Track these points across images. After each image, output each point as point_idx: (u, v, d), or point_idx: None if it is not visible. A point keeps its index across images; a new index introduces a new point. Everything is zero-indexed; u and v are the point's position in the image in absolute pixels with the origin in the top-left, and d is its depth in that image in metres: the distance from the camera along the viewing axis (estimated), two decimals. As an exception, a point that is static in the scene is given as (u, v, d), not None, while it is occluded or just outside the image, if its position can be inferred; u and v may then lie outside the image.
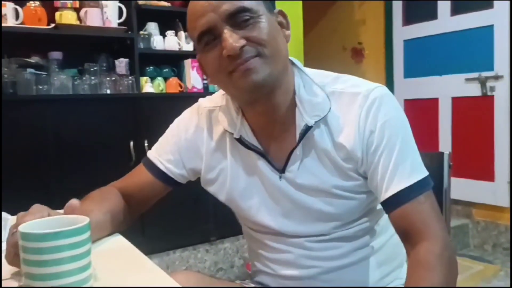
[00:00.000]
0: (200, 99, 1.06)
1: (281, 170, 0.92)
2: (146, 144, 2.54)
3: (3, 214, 1.10)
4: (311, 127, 0.87)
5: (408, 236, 0.83)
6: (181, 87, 2.82)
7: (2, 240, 0.99)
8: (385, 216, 0.92)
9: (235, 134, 0.93)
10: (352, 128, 0.86)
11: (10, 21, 2.35)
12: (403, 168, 0.84)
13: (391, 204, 0.85)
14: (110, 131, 2.51)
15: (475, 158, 3.24)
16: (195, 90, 2.80)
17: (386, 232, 1.00)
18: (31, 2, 2.43)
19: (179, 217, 2.71)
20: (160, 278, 0.75)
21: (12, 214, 1.06)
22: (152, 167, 1.05)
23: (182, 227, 2.74)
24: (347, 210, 0.92)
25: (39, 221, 0.75)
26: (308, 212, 0.92)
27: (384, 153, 0.85)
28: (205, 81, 2.85)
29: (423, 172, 0.86)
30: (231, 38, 0.80)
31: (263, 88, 0.85)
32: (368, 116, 0.86)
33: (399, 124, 0.87)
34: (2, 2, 2.35)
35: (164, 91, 2.76)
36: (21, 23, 2.39)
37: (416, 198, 0.83)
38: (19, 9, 2.38)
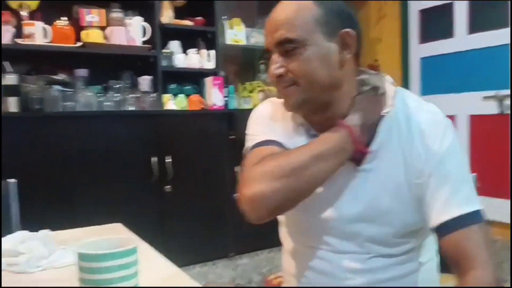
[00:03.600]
0: (270, 98, 1.10)
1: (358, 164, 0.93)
2: (168, 161, 2.59)
3: (43, 231, 1.12)
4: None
5: (458, 262, 0.85)
6: (202, 104, 2.87)
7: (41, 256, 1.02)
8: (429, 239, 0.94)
9: (312, 131, 0.97)
10: (419, 147, 0.90)
11: (38, 40, 2.42)
12: (461, 196, 0.87)
13: (444, 229, 0.86)
14: (133, 147, 2.56)
15: (493, 176, 3.23)
16: (216, 107, 2.85)
17: (426, 255, 1.01)
18: (59, 21, 2.50)
19: (198, 233, 2.74)
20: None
21: (37, 229, 1.10)
22: (273, 144, 0.96)
23: (201, 242, 2.77)
24: (405, 222, 0.93)
25: (95, 240, 0.78)
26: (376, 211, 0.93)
27: (445, 178, 0.88)
28: (226, 98, 2.90)
29: (478, 204, 0.88)
30: (273, 65, 0.89)
31: (300, 110, 0.94)
32: (436, 140, 0.89)
33: (461, 154, 0.91)
34: (32, 21, 2.42)
35: (186, 108, 2.81)
36: (50, 42, 2.46)
37: (470, 226, 0.85)
38: (48, 27, 2.45)
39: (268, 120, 1.03)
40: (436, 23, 3.60)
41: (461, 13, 3.34)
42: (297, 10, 0.89)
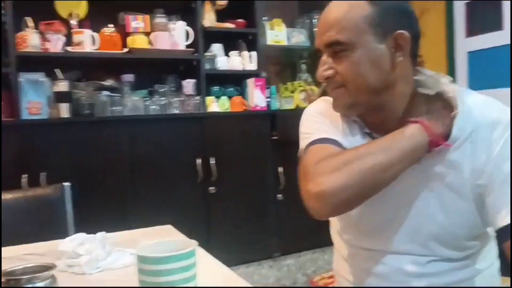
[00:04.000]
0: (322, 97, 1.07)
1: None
2: (212, 162, 2.62)
3: (100, 233, 1.16)
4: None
5: None
6: (245, 105, 2.89)
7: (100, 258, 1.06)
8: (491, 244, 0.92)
9: (366, 129, 0.97)
10: (482, 147, 0.87)
11: (87, 47, 2.51)
12: None
13: (509, 232, 0.83)
14: (178, 149, 2.61)
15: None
16: (258, 108, 2.86)
17: (485, 261, 0.98)
18: (106, 28, 2.58)
19: (243, 232, 2.76)
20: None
21: (89, 232, 1.14)
22: (330, 142, 0.95)
23: (245, 242, 2.79)
24: (469, 221, 0.90)
25: (155, 243, 0.80)
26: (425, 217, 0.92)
27: (507, 181, 0.84)
28: (268, 99, 2.90)
29: None
30: (322, 67, 0.90)
31: (348, 112, 0.95)
32: (497, 141, 0.86)
33: None
34: (80, 29, 2.51)
35: (228, 110, 2.84)
36: (97, 49, 2.54)
37: None
38: (96, 35, 2.53)
39: (323, 118, 1.01)
40: (484, 16, 3.48)
41: (509, 4, 3.21)
42: (348, 11, 0.87)
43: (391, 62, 0.88)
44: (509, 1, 3.21)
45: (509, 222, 0.83)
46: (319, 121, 1.01)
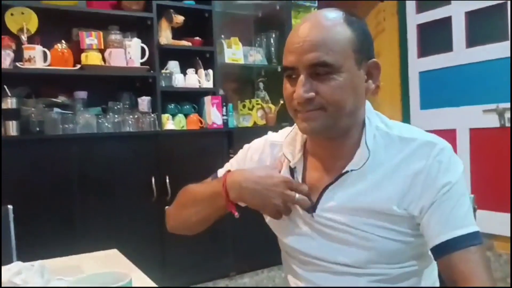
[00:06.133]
0: (269, 132, 1.11)
1: (313, 207, 0.94)
2: (167, 180, 2.59)
3: (38, 262, 1.12)
4: (351, 171, 0.90)
5: (457, 284, 0.84)
6: (201, 123, 2.88)
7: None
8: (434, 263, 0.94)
9: (291, 163, 0.98)
10: (420, 177, 0.88)
11: (38, 63, 2.45)
12: (458, 218, 0.86)
13: (440, 250, 0.86)
14: (132, 168, 2.57)
15: (495, 190, 3.22)
16: (215, 126, 2.85)
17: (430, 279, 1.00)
18: (59, 44, 2.52)
19: (198, 252, 2.73)
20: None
21: (36, 256, 1.10)
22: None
23: (201, 262, 2.76)
24: (387, 251, 0.92)
25: (91, 275, 0.78)
26: (342, 250, 0.93)
27: (444, 203, 0.87)
28: (225, 117, 2.91)
29: (475, 226, 0.87)
30: (303, 87, 0.85)
31: (318, 135, 0.92)
32: (440, 168, 0.87)
33: (461, 178, 0.89)
34: (32, 45, 2.45)
35: (185, 128, 2.82)
36: (49, 65, 2.48)
37: (467, 248, 0.84)
38: (47, 51, 2.48)
39: (251, 154, 1.07)
40: (435, 37, 3.62)
41: (459, 27, 3.36)
42: (334, 32, 0.85)
43: (364, 90, 0.90)
44: (460, 24, 3.36)
45: (442, 241, 0.85)
46: (243, 156, 1.10)
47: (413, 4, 3.71)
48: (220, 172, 1.14)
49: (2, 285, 1.02)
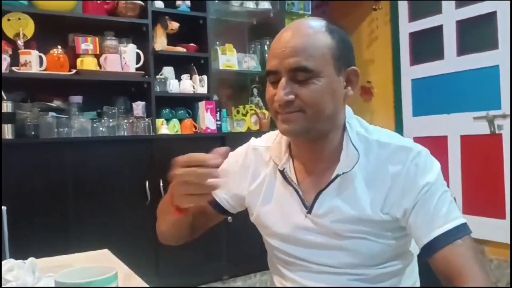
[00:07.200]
0: (252, 138, 1.13)
1: (309, 210, 0.97)
2: (161, 184, 2.62)
3: (30, 259, 1.14)
4: (343, 174, 0.93)
5: (451, 279, 0.86)
6: (195, 128, 2.91)
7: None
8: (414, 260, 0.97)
9: (279, 166, 1.01)
10: (398, 180, 0.91)
11: (34, 68, 2.48)
12: (441, 215, 0.89)
13: (430, 249, 0.88)
14: (126, 172, 2.59)
15: (486, 195, 3.25)
16: (208, 131, 2.89)
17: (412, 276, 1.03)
18: (55, 49, 2.56)
19: (192, 255, 2.75)
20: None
21: (30, 256, 1.12)
22: None
23: (195, 265, 2.78)
24: (370, 254, 0.95)
25: (77, 269, 0.81)
26: (333, 252, 0.97)
27: (426, 203, 0.90)
28: (218, 122, 2.94)
29: (459, 219, 0.89)
30: (283, 90, 0.88)
31: (298, 137, 0.95)
32: (418, 171, 0.91)
33: (439, 176, 0.93)
34: (28, 50, 2.49)
35: (179, 132, 2.85)
36: (45, 70, 2.52)
37: (454, 241, 0.86)
38: (43, 56, 2.51)
39: (233, 161, 1.09)
40: (426, 46, 3.67)
41: (450, 36, 3.41)
42: (314, 39, 0.89)
43: (343, 95, 0.93)
44: (451, 33, 3.41)
45: (430, 238, 0.88)
46: (227, 166, 1.07)
47: (406, 13, 3.77)
48: None
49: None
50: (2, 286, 1.04)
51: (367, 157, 0.94)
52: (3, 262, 1.14)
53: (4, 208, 1.57)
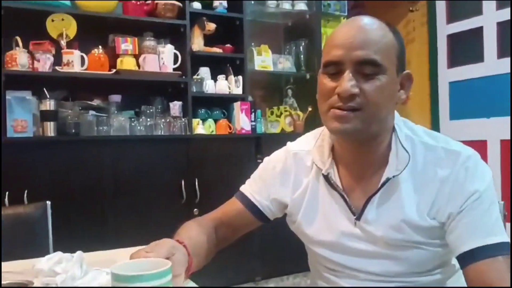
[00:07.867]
0: (288, 143, 1.11)
1: (358, 217, 0.95)
2: (196, 183, 2.64)
3: (78, 253, 1.17)
4: (393, 177, 0.91)
5: None
6: (230, 128, 2.93)
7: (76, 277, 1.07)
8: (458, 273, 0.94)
9: (323, 170, 0.98)
10: (446, 184, 0.89)
11: (76, 67, 2.54)
12: (487, 226, 0.86)
13: (467, 258, 0.85)
14: (163, 170, 2.62)
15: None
16: (243, 131, 2.90)
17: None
18: (96, 49, 2.62)
19: (225, 255, 2.72)
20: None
21: (69, 251, 1.14)
22: (242, 197, 1.13)
23: (228, 266, 2.77)
24: (418, 262, 0.93)
25: (131, 262, 0.82)
26: (380, 259, 0.95)
27: (473, 211, 0.87)
28: (253, 123, 2.95)
29: (504, 236, 0.86)
30: (350, 82, 0.84)
31: (348, 137, 0.91)
32: (467, 175, 0.88)
33: (490, 186, 0.89)
34: (71, 49, 2.55)
35: (214, 132, 2.87)
36: (86, 69, 2.58)
37: (495, 257, 0.83)
38: (85, 56, 2.57)
39: (273, 166, 1.08)
40: (465, 48, 3.59)
41: (491, 37, 3.33)
42: (383, 35, 0.87)
43: (397, 98, 0.91)
44: (491, 34, 3.32)
45: (469, 248, 0.85)
46: (264, 168, 1.12)
47: (443, 14, 3.70)
48: (243, 189, 1.14)
49: (43, 273, 1.08)
50: (51, 277, 1.07)
51: (414, 160, 0.91)
52: (52, 255, 1.17)
53: (48, 202, 1.61)
